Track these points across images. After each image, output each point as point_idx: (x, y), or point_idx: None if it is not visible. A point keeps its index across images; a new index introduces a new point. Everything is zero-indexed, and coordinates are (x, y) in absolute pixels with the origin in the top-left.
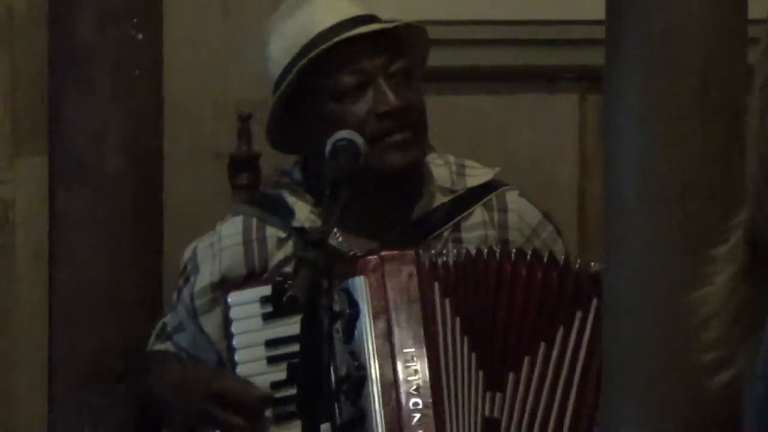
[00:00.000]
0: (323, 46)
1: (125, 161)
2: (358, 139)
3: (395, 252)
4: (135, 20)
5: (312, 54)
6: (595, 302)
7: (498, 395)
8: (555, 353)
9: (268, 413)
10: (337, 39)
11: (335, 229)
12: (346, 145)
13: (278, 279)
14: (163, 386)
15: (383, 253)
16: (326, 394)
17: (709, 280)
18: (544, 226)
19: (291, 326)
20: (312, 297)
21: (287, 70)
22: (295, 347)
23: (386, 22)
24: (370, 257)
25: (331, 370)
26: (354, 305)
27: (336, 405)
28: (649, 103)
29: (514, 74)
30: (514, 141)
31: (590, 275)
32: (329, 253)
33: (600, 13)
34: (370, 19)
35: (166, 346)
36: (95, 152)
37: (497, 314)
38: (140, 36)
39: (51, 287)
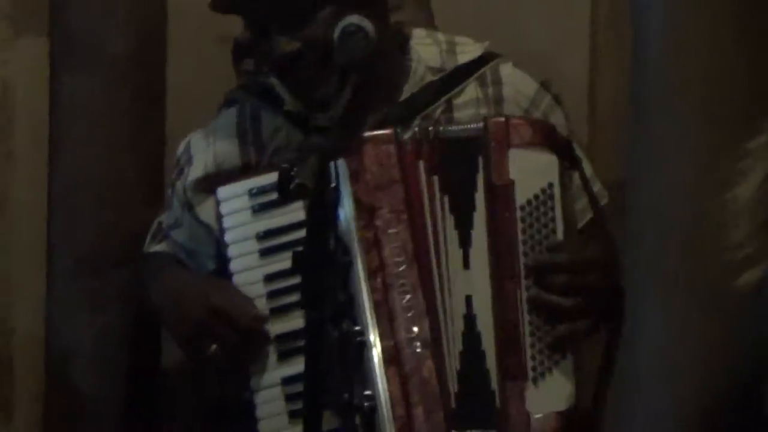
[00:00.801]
0: None
1: (129, 43)
2: (368, 25)
3: (375, 132)
4: None
5: None
6: (480, 161)
7: (469, 272)
8: (485, 219)
9: (270, 350)
10: None
11: None
12: (355, 30)
13: (284, 166)
14: (162, 294)
15: (363, 134)
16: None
17: (742, 177)
18: (542, 95)
19: (280, 218)
20: (319, 183)
21: None
22: (285, 238)
23: None
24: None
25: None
26: (336, 190)
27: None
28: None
29: None
30: (522, 31)
31: (474, 133)
32: (337, 138)
33: None
34: None
35: (162, 246)
36: (98, 34)
37: (477, 189)
38: None
39: (50, 169)
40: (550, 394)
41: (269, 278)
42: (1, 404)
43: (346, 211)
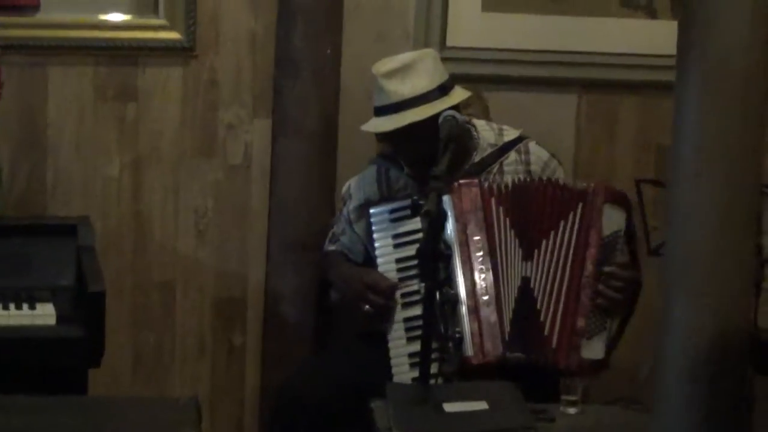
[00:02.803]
0: (366, 129)
1: (318, 123)
2: (459, 116)
3: (466, 180)
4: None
5: (365, 128)
6: (580, 206)
7: (530, 263)
8: (560, 237)
9: (397, 298)
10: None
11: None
12: (451, 118)
13: (414, 198)
14: (338, 276)
15: (460, 181)
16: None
17: None
18: (551, 161)
19: (407, 225)
20: (436, 210)
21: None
22: (410, 237)
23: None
24: (453, 184)
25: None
26: (444, 213)
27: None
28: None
29: (538, 81)
30: (530, 124)
31: (578, 190)
32: (443, 183)
33: (587, 44)
34: (423, 99)
35: (336, 246)
36: (301, 117)
37: (531, 215)
38: (329, 52)
39: (271, 195)
40: (594, 348)
41: (399, 260)
42: (239, 327)
43: (450, 224)
